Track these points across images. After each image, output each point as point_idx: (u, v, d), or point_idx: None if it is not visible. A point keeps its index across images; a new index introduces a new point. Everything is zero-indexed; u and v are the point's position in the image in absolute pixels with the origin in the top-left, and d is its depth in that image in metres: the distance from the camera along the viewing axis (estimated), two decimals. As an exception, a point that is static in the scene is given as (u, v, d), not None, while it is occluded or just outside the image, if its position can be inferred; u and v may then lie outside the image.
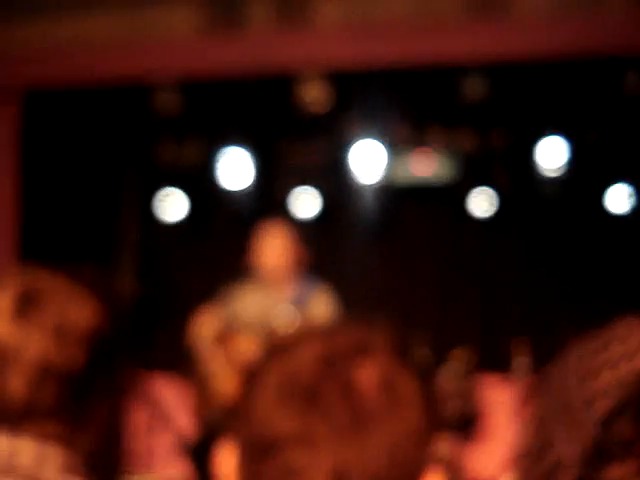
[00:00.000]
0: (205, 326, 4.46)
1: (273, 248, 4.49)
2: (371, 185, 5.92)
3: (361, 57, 5.19)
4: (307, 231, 5.26)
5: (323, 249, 5.66)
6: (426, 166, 6.01)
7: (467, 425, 3.88)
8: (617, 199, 5.82)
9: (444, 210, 6.13)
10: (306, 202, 6.03)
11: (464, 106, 5.53)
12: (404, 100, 5.76)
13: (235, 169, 5.90)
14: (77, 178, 5.94)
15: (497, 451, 3.68)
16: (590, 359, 1.04)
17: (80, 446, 1.33)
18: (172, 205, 6.10)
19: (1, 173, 5.59)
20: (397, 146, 5.88)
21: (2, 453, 1.29)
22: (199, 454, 4.30)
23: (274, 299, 4.46)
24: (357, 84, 5.62)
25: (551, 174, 5.76)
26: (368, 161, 5.79)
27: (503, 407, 3.92)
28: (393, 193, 6.04)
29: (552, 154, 5.71)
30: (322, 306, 4.50)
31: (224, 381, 4.37)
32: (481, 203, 5.92)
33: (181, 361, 4.71)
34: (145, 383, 4.62)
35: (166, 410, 4.81)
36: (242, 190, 5.98)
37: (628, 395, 0.97)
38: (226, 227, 6.18)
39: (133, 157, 6.13)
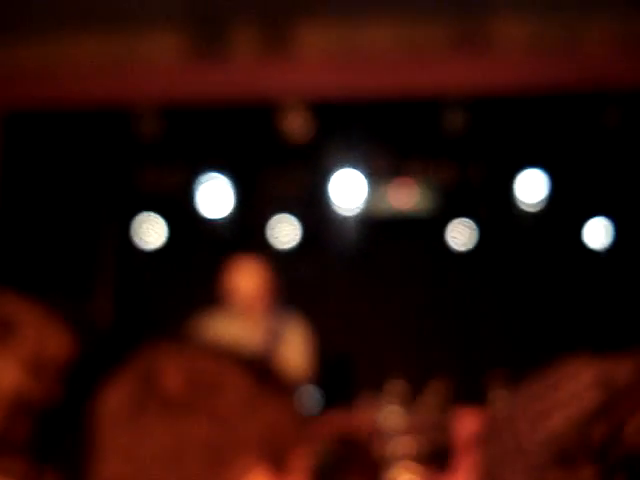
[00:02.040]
0: None
1: (247, 279, 4.46)
2: (350, 215, 5.93)
3: (343, 87, 5.21)
4: (286, 260, 5.24)
5: (302, 278, 5.64)
6: (405, 197, 6.03)
7: (441, 457, 3.86)
8: (595, 233, 5.85)
9: (423, 242, 6.13)
10: (286, 231, 6.02)
11: (444, 138, 5.56)
12: (385, 131, 5.78)
13: (216, 197, 5.89)
14: (56, 202, 5.90)
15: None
16: (540, 400, 1.01)
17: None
18: (151, 232, 6.08)
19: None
20: (377, 177, 5.90)
21: None
22: None
23: (248, 330, 4.42)
24: (338, 114, 5.64)
25: (530, 207, 5.79)
26: (348, 191, 5.80)
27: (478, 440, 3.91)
28: (372, 224, 6.04)
29: (531, 187, 5.75)
30: (297, 337, 4.51)
31: None
32: (460, 235, 5.94)
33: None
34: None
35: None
36: (222, 218, 5.96)
37: (582, 435, 0.94)
38: (205, 255, 6.14)
39: (113, 182, 6.11)
